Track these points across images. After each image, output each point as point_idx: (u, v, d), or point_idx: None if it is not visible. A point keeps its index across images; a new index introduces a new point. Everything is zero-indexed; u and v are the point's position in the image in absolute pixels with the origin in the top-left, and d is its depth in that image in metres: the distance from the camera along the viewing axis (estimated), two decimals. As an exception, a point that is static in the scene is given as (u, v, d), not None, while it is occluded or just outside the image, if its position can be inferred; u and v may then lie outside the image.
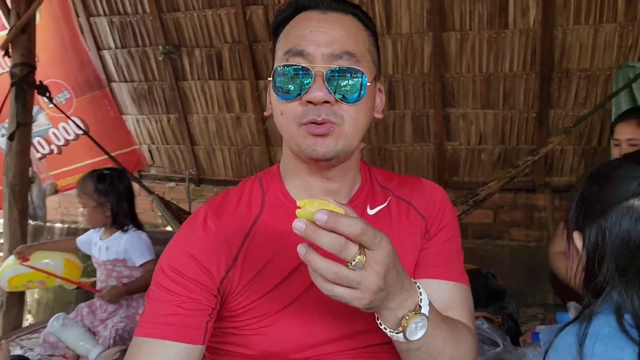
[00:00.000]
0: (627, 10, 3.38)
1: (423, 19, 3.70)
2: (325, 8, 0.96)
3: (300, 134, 0.93)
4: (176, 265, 0.95)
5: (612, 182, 0.88)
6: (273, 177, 1.05)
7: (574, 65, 3.61)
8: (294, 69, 0.91)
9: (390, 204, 1.06)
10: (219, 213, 1.00)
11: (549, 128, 3.82)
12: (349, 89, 0.91)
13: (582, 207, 0.90)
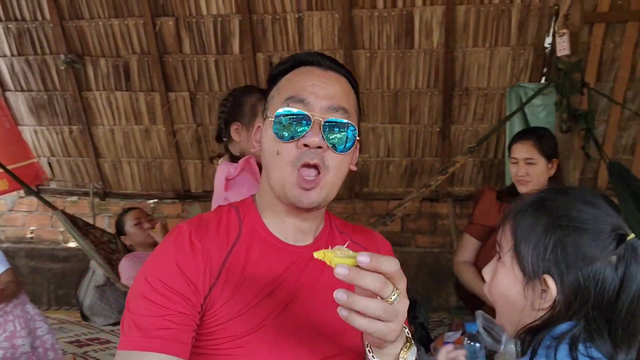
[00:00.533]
0: (519, 36, 3.71)
1: (334, 37, 3.81)
2: (326, 67, 1.09)
3: (290, 181, 1.02)
4: (165, 278, 0.97)
5: (591, 234, 0.90)
6: (249, 208, 1.12)
7: (473, 84, 3.89)
8: (296, 114, 1.02)
9: (349, 247, 1.15)
10: (202, 232, 1.04)
11: (450, 141, 4.07)
12: (340, 139, 1.02)
13: (558, 254, 0.90)
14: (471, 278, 2.71)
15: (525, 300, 0.93)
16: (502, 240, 0.99)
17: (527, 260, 0.93)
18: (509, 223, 0.97)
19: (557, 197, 0.96)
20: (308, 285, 1.08)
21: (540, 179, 2.71)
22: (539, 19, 3.64)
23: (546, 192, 0.99)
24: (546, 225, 0.92)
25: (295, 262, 1.09)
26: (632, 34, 3.64)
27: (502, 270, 0.97)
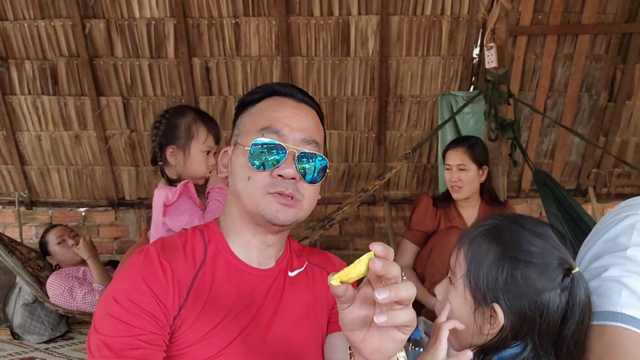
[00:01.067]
0: (449, 46, 3.86)
1: (272, 44, 3.82)
2: (299, 100, 1.14)
3: (266, 201, 1.05)
4: (134, 297, 0.97)
5: (539, 268, 0.97)
6: (214, 231, 1.15)
7: (407, 92, 4.01)
8: (271, 144, 1.05)
9: (307, 269, 1.22)
10: (169, 253, 1.06)
11: (386, 147, 4.19)
12: (312, 170, 1.08)
13: (508, 285, 0.96)
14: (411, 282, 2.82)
15: (474, 323, 1.00)
16: (456, 266, 1.05)
17: (478, 288, 0.99)
18: (464, 249, 1.03)
19: (510, 226, 1.02)
20: (271, 307, 1.12)
21: (472, 185, 2.87)
22: (468, 30, 3.81)
23: (500, 220, 1.05)
24: (498, 256, 0.99)
25: (259, 285, 1.12)
26: (551, 46, 3.89)
27: (454, 293, 1.04)
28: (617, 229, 1.08)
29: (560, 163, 4.32)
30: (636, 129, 4.25)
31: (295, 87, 1.16)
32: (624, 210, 1.11)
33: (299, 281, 1.19)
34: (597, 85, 4.07)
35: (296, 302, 1.16)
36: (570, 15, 3.82)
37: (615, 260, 1.04)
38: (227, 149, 1.18)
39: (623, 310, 0.98)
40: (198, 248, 1.11)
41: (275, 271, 1.16)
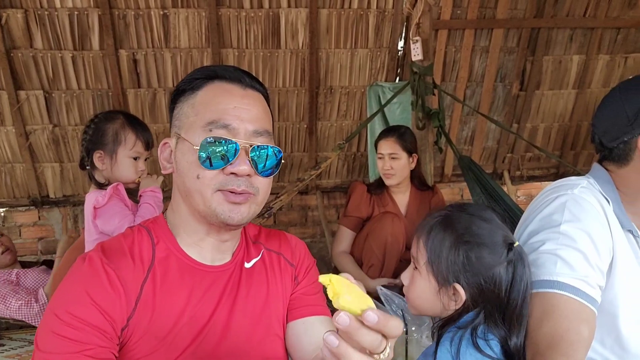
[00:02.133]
0: (376, 39, 4.01)
1: (202, 35, 3.79)
2: (246, 85, 1.04)
3: (216, 200, 0.98)
4: (76, 311, 0.91)
5: (488, 247, 1.09)
6: (162, 229, 1.07)
7: (336, 83, 4.13)
8: (222, 141, 0.97)
9: (264, 256, 1.16)
10: (113, 259, 0.98)
11: (317, 137, 4.29)
12: (266, 163, 1.01)
13: (465, 265, 1.09)
14: (350, 267, 2.95)
15: (440, 302, 1.12)
16: (418, 254, 1.15)
17: (440, 271, 1.11)
18: (422, 239, 1.14)
19: (460, 215, 1.14)
20: (228, 306, 1.06)
21: (403, 172, 3.02)
22: (393, 24, 3.98)
23: (450, 211, 1.17)
24: (453, 241, 1.11)
25: (214, 283, 1.06)
26: (469, 40, 4.14)
27: (419, 279, 1.15)
28: (550, 208, 1.22)
29: (478, 149, 4.63)
30: (544, 115, 4.63)
31: (240, 70, 1.05)
32: (555, 191, 1.26)
33: (255, 272, 1.13)
34: (509, 76, 4.39)
35: (254, 296, 1.11)
36: (485, 10, 4.09)
37: (550, 235, 1.18)
38: (168, 141, 1.07)
39: (558, 278, 1.12)
40: (146, 249, 1.03)
41: (232, 266, 1.10)
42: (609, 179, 1.28)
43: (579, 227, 1.16)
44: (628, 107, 1.24)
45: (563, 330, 1.08)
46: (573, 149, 4.82)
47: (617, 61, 4.52)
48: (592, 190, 1.24)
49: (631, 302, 1.20)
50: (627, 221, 1.24)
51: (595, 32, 4.33)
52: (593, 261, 1.14)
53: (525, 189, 4.98)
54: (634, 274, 1.22)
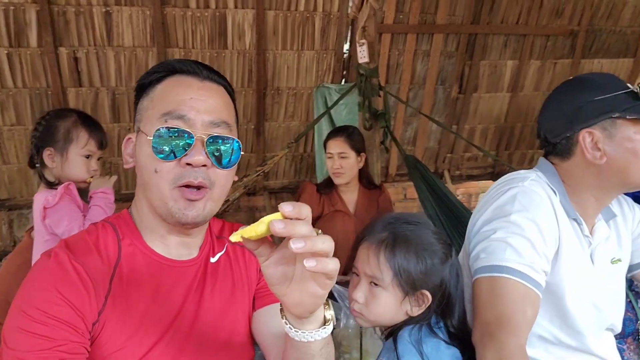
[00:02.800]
0: (322, 41, 4.08)
1: (146, 34, 3.72)
2: (204, 77, 1.03)
3: (172, 196, 0.97)
4: (45, 307, 0.89)
5: (439, 255, 1.20)
6: (127, 225, 1.06)
7: (284, 84, 4.17)
8: (177, 131, 0.96)
9: (228, 250, 1.17)
10: (79, 255, 0.96)
11: (265, 137, 4.31)
12: (224, 155, 0.99)
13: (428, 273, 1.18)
14: (301, 265, 2.99)
15: (402, 310, 1.20)
16: (380, 272, 1.19)
17: (409, 282, 1.18)
18: (384, 256, 1.19)
19: (408, 227, 1.22)
20: (195, 300, 1.07)
21: (352, 171, 3.09)
22: (338, 27, 4.06)
23: (399, 226, 1.23)
24: (416, 253, 1.18)
25: (181, 278, 1.06)
26: (412, 43, 4.29)
27: (383, 294, 1.19)
28: (502, 199, 1.31)
29: (421, 149, 4.79)
30: (481, 117, 4.86)
31: (198, 63, 1.05)
32: (508, 184, 1.35)
33: (220, 266, 1.14)
34: (449, 79, 4.58)
35: (220, 290, 1.12)
36: (426, 15, 4.25)
37: (501, 224, 1.26)
38: (131, 136, 1.06)
39: (507, 264, 1.20)
40: (111, 245, 1.02)
41: (198, 261, 1.10)
42: (554, 172, 1.38)
43: (528, 217, 1.25)
44: (567, 107, 1.35)
45: (511, 312, 1.16)
46: (507, 149, 5.07)
47: (547, 66, 4.81)
48: (540, 183, 1.34)
49: (576, 284, 1.30)
50: (572, 210, 1.34)
51: (527, 38, 4.59)
52: (539, 248, 1.23)
53: (465, 188, 5.19)
54: (578, 258, 1.32)
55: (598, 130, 1.31)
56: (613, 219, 1.45)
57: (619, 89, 1.31)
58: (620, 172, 1.31)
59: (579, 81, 1.40)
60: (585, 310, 1.32)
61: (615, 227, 1.46)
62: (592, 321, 1.34)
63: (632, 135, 1.29)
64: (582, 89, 1.35)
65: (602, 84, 1.33)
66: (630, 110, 1.28)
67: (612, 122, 1.30)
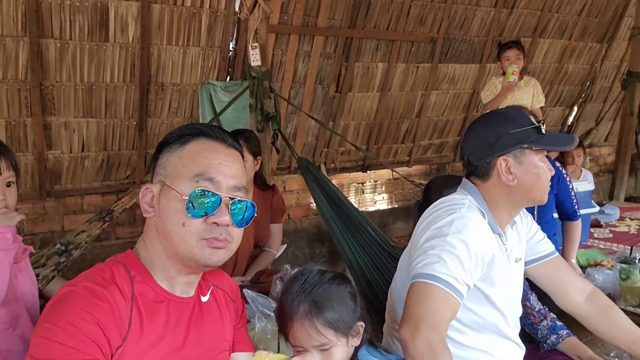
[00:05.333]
0: (208, 37, 4.06)
1: (17, 22, 3.39)
2: (229, 145, 1.19)
3: (199, 246, 1.11)
4: (77, 323, 0.98)
5: (349, 290, 1.47)
6: (136, 264, 1.16)
7: (168, 80, 4.07)
8: (209, 193, 1.10)
9: (213, 292, 1.31)
10: (105, 286, 1.06)
11: (147, 134, 4.18)
12: (242, 216, 1.16)
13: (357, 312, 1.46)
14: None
15: (349, 348, 1.43)
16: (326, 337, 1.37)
17: (346, 327, 1.41)
18: (318, 323, 1.36)
19: (317, 288, 1.42)
20: (195, 331, 1.20)
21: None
22: (225, 24, 4.07)
23: (308, 293, 1.40)
24: (338, 304, 1.41)
25: (183, 313, 1.19)
26: (294, 44, 4.45)
27: (335, 349, 1.39)
28: (442, 222, 1.57)
29: (300, 144, 5.00)
30: (354, 114, 5.20)
31: (224, 131, 1.21)
32: (448, 210, 1.61)
33: (210, 306, 1.27)
34: (327, 79, 4.83)
35: (212, 328, 1.25)
36: (308, 18, 4.43)
37: (438, 243, 1.52)
38: (150, 186, 1.17)
39: (437, 274, 1.46)
40: (125, 281, 1.11)
41: (195, 299, 1.23)
42: (478, 193, 1.68)
43: (460, 239, 1.52)
44: (489, 136, 1.65)
45: (433, 311, 1.42)
46: (376, 144, 5.50)
47: (410, 69, 5.29)
48: (473, 209, 1.63)
49: (503, 285, 1.66)
50: (496, 227, 1.67)
51: (395, 44, 5.01)
52: (466, 266, 1.51)
53: (338, 179, 5.54)
54: (503, 265, 1.66)
55: (511, 157, 1.63)
56: (515, 224, 1.80)
57: (527, 124, 1.65)
58: (526, 191, 1.66)
59: (497, 115, 1.77)
60: (505, 304, 1.68)
61: (517, 231, 1.82)
62: (511, 312, 1.71)
63: (536, 162, 1.63)
64: (500, 122, 1.67)
65: (515, 119, 1.67)
66: (535, 142, 1.63)
67: (522, 151, 1.63)
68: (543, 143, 1.62)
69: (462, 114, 5.96)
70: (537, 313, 2.37)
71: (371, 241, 3.14)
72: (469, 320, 1.66)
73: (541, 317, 2.35)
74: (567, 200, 3.19)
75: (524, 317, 2.39)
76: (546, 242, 1.89)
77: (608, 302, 1.84)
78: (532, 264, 1.87)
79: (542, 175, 1.63)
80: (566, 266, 1.90)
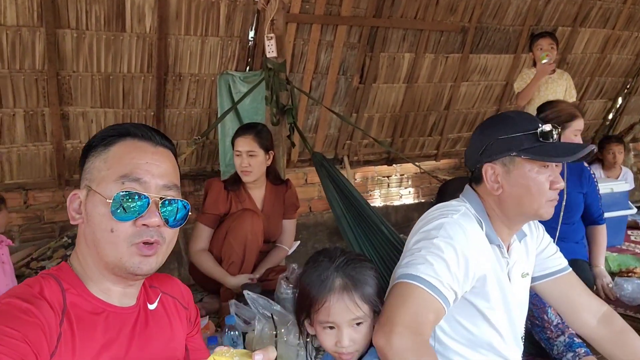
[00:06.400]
0: (227, 27, 3.98)
1: (33, 13, 3.39)
2: (157, 143, 1.13)
3: (129, 253, 1.05)
4: (5, 342, 0.91)
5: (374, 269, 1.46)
6: (69, 276, 1.09)
7: (186, 70, 4.02)
8: (135, 194, 1.04)
9: (162, 300, 1.24)
10: (31, 301, 0.99)
11: (165, 125, 4.16)
12: (174, 216, 1.10)
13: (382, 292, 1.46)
14: (210, 265, 3.00)
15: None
16: (362, 310, 1.37)
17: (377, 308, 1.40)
18: (357, 296, 1.37)
19: (356, 264, 1.42)
20: (140, 342, 1.13)
21: (260, 169, 3.12)
22: (244, 14, 3.98)
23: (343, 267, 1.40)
24: (374, 281, 1.41)
25: (124, 324, 1.12)
26: (316, 33, 4.32)
27: (366, 325, 1.38)
28: (431, 225, 1.48)
29: (321, 136, 4.90)
30: (379, 106, 5.05)
31: (152, 129, 1.15)
32: (440, 215, 1.51)
33: (158, 314, 1.21)
34: (351, 69, 4.69)
35: (159, 337, 1.19)
36: (331, 7, 4.29)
37: (425, 245, 1.44)
38: (78, 192, 1.11)
39: (421, 275, 1.37)
40: (56, 294, 1.05)
41: (137, 308, 1.17)
42: (478, 201, 1.57)
43: (448, 242, 1.42)
44: (483, 139, 1.55)
45: (415, 312, 1.32)
46: (402, 137, 5.34)
47: (439, 60, 5.08)
48: (468, 217, 1.51)
49: (500, 301, 1.55)
50: (495, 238, 1.54)
51: (424, 33, 4.81)
52: (453, 270, 1.40)
53: (362, 172, 5.41)
54: (499, 280, 1.54)
55: (499, 165, 1.51)
56: (524, 238, 1.67)
57: (527, 129, 1.49)
58: (515, 204, 1.51)
59: (499, 118, 1.60)
60: (502, 321, 1.56)
61: (525, 244, 1.68)
62: (510, 330, 1.59)
63: (526, 172, 1.48)
64: (498, 126, 1.54)
65: (515, 124, 1.52)
66: (526, 150, 1.47)
67: (511, 159, 1.49)
68: (534, 152, 1.46)
69: (494, 106, 5.72)
70: (554, 327, 2.22)
71: (384, 241, 3.01)
72: (460, 336, 1.55)
73: (558, 332, 2.20)
74: (595, 202, 2.99)
75: (540, 331, 2.25)
76: (558, 257, 1.74)
77: (623, 325, 1.67)
78: (541, 280, 1.72)
79: (534, 188, 1.48)
80: (579, 284, 1.73)
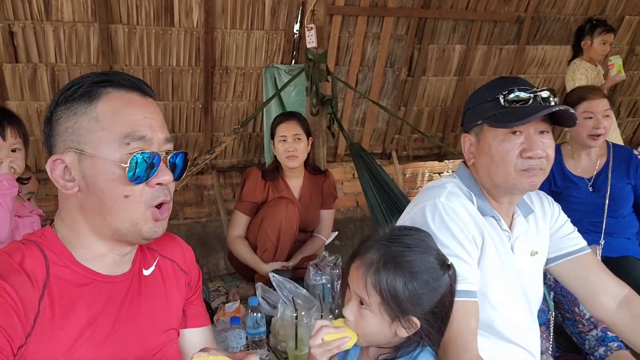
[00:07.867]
0: (272, 21, 4.04)
1: (87, 9, 3.58)
2: (145, 93, 1.05)
3: (144, 218, 1.00)
4: None
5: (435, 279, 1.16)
6: (54, 244, 1.02)
7: (232, 64, 4.11)
8: (147, 155, 0.97)
9: (159, 264, 1.19)
10: (7, 277, 0.93)
11: (213, 117, 4.27)
12: (180, 169, 1.06)
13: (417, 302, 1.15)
14: (245, 251, 3.03)
15: (391, 331, 1.18)
16: (367, 296, 1.17)
17: (395, 308, 1.15)
18: (370, 281, 1.16)
19: (399, 249, 1.18)
20: (129, 313, 1.08)
21: (304, 154, 3.13)
22: (289, 7, 4.02)
23: (387, 246, 1.19)
24: (404, 281, 1.15)
25: (114, 293, 1.06)
26: (362, 26, 4.30)
27: (371, 316, 1.18)
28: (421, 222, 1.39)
29: (369, 130, 4.86)
30: (428, 100, 4.94)
31: (132, 77, 1.05)
32: (422, 208, 1.42)
33: (152, 280, 1.15)
34: (398, 62, 4.62)
35: (154, 305, 1.13)
36: (378, -1, 4.25)
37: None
38: (59, 157, 1.00)
39: None
40: (38, 265, 0.98)
41: (130, 275, 1.10)
42: (469, 175, 1.50)
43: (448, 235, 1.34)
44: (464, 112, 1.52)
45: (459, 329, 1.23)
46: (453, 131, 5.20)
47: (493, 51, 4.91)
48: (455, 195, 1.42)
49: (498, 276, 1.43)
50: (488, 209, 1.45)
51: (475, 24, 4.66)
52: (467, 260, 1.32)
53: (412, 168, 5.32)
54: (500, 251, 1.44)
55: (472, 134, 1.47)
56: (532, 214, 1.57)
57: (492, 96, 1.40)
58: (485, 174, 1.45)
59: (478, 89, 1.52)
60: (504, 298, 1.45)
61: (535, 222, 1.58)
62: (515, 310, 1.48)
63: (490, 141, 1.41)
64: (473, 95, 1.50)
65: (483, 91, 1.46)
66: (490, 118, 1.40)
67: (480, 128, 1.44)
68: (494, 119, 1.38)
69: (553, 100, 5.45)
70: (586, 321, 2.08)
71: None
72: None
73: (591, 326, 2.07)
74: (645, 193, 2.79)
75: (571, 325, 2.12)
76: (575, 237, 1.61)
77: None
78: (556, 261, 1.61)
79: (496, 157, 1.39)
80: (598, 266, 1.60)
